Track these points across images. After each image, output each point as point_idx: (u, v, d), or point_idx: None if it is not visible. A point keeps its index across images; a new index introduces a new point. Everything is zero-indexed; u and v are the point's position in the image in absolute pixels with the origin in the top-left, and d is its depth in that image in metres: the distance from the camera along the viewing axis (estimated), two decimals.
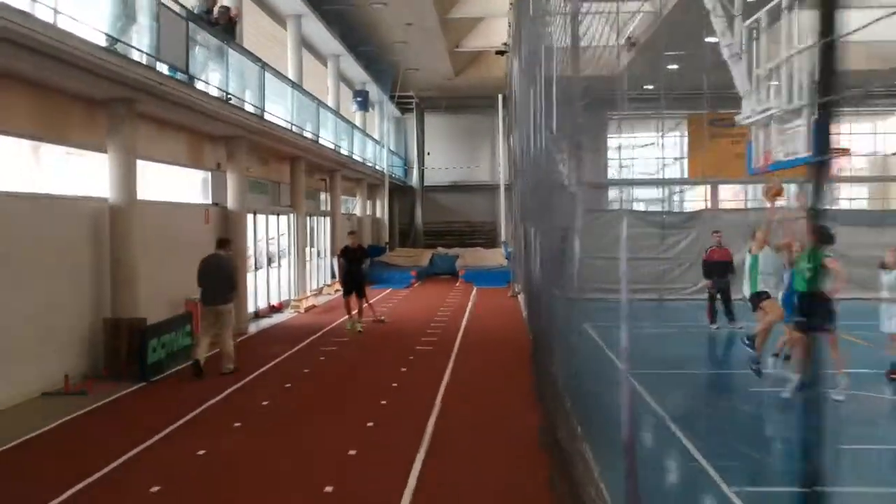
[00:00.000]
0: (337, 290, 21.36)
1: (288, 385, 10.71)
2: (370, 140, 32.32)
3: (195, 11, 13.63)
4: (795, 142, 8.17)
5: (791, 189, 9.74)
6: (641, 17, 25.92)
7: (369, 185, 33.61)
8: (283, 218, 21.20)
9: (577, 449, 6.51)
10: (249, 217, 17.63)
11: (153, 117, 12.88)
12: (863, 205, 39.20)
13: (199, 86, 13.32)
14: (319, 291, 23.89)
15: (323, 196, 26.64)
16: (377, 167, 33.12)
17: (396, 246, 37.61)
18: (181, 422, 8.64)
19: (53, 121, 10.76)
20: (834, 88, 1.69)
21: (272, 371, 11.78)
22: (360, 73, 30.04)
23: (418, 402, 9.47)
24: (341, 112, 27.35)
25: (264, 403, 9.59)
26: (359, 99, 31.67)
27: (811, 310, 7.91)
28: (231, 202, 16.46)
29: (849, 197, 40.21)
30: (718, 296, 15.86)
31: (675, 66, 28.36)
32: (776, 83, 8.13)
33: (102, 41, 10.13)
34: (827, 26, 1.67)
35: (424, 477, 6.66)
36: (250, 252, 17.83)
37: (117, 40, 10.45)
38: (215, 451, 7.52)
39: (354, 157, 27.84)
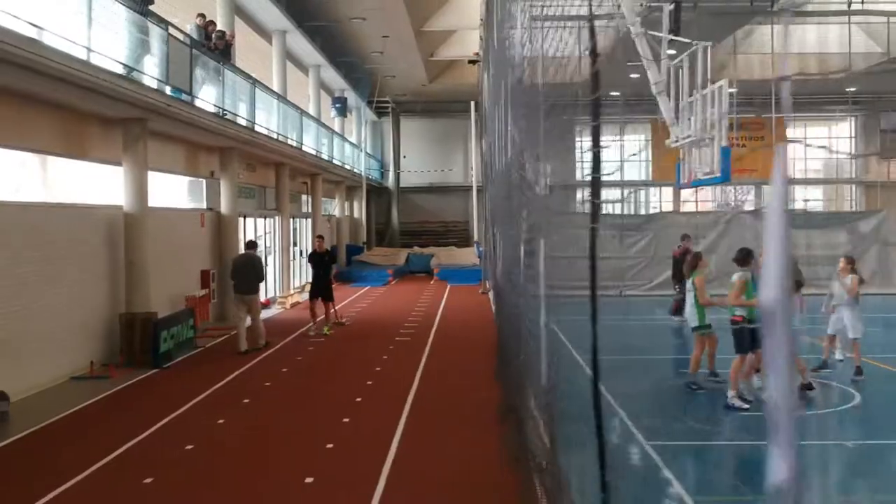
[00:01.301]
0: None
1: (285, 370, 12.30)
2: (348, 144, 33.85)
3: (194, 37, 15.10)
4: (711, 164, 9.91)
5: None
6: (605, 31, 27.69)
7: (348, 188, 35.13)
8: (269, 220, 22.73)
9: (528, 411, 8.20)
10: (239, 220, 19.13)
11: (159, 133, 14.33)
12: (818, 206, 41.44)
13: (199, 103, 14.81)
14: (302, 288, 25.39)
15: (304, 198, 28.14)
16: (355, 170, 34.63)
17: (373, 245, 39.15)
18: (199, 398, 10.21)
19: (76, 139, 12.23)
20: None
21: (268, 359, 13.31)
22: (339, 80, 31.52)
23: (399, 382, 11.11)
24: (320, 117, 28.87)
25: (267, 384, 11.19)
26: (337, 105, 33.19)
27: None
28: (224, 207, 17.97)
29: (804, 198, 42.45)
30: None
31: (636, 75, 30.01)
32: (692, 116, 9.88)
33: (120, 69, 11.61)
34: None
35: (406, 434, 8.30)
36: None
37: (133, 68, 11.95)
38: (232, 421, 9.11)
39: (334, 161, 29.37)
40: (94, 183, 13.08)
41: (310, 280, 24.50)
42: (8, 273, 10.18)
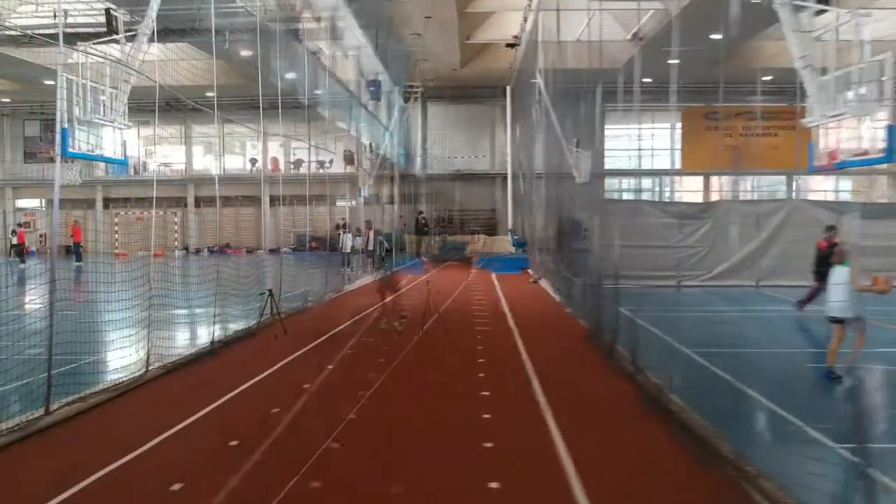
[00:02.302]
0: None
1: (381, 360, 11.49)
2: (382, 129, 33.16)
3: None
4: (864, 144, 9.26)
5: None
6: (650, 15, 27.10)
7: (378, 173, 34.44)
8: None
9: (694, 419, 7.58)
10: None
11: None
12: (847, 197, 40.97)
13: None
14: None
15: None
16: (388, 155, 33.95)
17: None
18: (307, 388, 9.49)
19: None
20: None
21: (358, 347, 12.53)
22: (376, 64, 30.78)
23: (512, 374, 10.49)
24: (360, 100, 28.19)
25: (370, 375, 10.33)
26: (372, 88, 32.40)
27: None
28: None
29: (835, 189, 41.98)
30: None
31: (675, 61, 29.41)
32: (844, 94, 9.23)
33: None
34: None
35: (564, 431, 7.63)
36: None
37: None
38: (363, 417, 8.43)
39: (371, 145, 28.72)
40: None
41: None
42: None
